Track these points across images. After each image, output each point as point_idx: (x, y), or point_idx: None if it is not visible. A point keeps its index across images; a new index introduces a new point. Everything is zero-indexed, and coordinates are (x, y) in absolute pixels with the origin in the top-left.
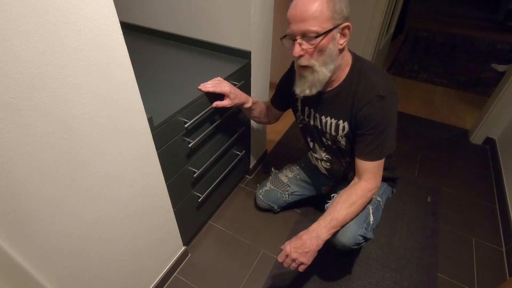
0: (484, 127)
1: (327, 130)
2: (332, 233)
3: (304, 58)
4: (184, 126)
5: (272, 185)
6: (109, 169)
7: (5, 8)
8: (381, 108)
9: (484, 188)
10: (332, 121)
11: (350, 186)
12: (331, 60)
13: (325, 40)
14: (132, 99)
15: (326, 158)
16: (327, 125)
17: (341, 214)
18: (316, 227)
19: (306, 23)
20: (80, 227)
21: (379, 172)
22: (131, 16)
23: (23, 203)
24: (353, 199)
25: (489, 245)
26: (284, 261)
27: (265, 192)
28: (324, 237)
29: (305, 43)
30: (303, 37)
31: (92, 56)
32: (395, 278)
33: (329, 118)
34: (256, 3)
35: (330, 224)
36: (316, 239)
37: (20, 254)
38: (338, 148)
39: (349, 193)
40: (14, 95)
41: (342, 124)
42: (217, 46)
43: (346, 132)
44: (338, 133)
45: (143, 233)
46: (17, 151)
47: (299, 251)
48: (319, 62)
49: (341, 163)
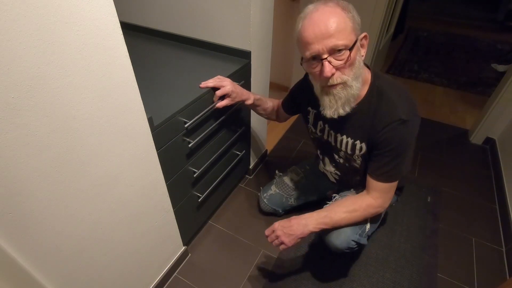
0: (484, 127)
1: (342, 148)
2: (320, 228)
3: (337, 76)
4: (184, 126)
5: (277, 188)
6: (109, 169)
7: (5, 8)
8: (402, 132)
9: (484, 188)
10: (349, 140)
11: (357, 196)
12: (360, 73)
13: (353, 53)
14: (132, 99)
15: (335, 173)
16: (342, 143)
17: (337, 216)
18: (308, 216)
19: (334, 38)
20: (80, 227)
21: (389, 193)
22: (131, 16)
23: (23, 203)
24: (354, 207)
25: (489, 245)
26: (269, 235)
27: (269, 196)
28: (311, 228)
29: (334, 60)
30: (331, 54)
31: (92, 56)
32: (395, 278)
33: (345, 137)
34: (256, 3)
35: (322, 220)
36: (303, 226)
37: (20, 254)
38: (351, 167)
39: (354, 201)
40: (14, 95)
41: (359, 145)
42: (217, 46)
43: (363, 153)
44: (355, 152)
45: (143, 233)
46: (17, 151)
47: (284, 231)
48: (351, 77)
49: (350, 180)
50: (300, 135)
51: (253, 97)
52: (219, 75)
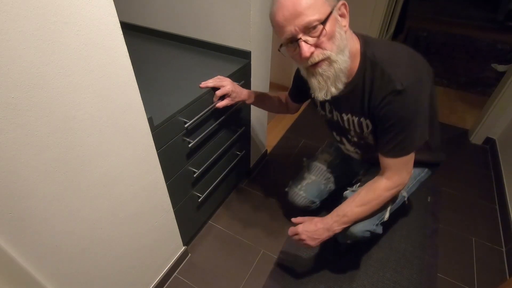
0: (484, 127)
1: (350, 127)
2: (343, 228)
3: (317, 53)
4: (184, 126)
5: (313, 175)
6: (109, 169)
7: (5, 8)
8: (400, 104)
9: (484, 188)
10: (354, 119)
11: (371, 184)
12: (345, 45)
13: (330, 25)
14: (132, 99)
15: (356, 151)
16: (349, 122)
17: (354, 213)
18: (330, 220)
19: (304, 16)
20: (80, 227)
21: (405, 169)
22: (131, 16)
23: (23, 203)
24: (368, 198)
25: (489, 245)
26: (293, 236)
27: (306, 187)
28: (336, 231)
29: (310, 38)
30: (305, 33)
31: (92, 56)
32: (395, 278)
33: (350, 116)
34: (256, 3)
35: (342, 220)
36: (327, 230)
37: (20, 254)
38: (366, 144)
39: (367, 191)
40: (14, 95)
41: (365, 122)
42: (217, 46)
43: (371, 129)
44: (363, 130)
45: (143, 233)
46: (17, 151)
47: (309, 235)
48: (334, 51)
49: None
50: (300, 135)
51: (254, 95)
52: (219, 75)
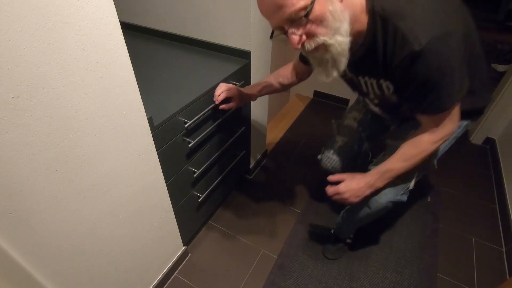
0: (484, 127)
1: (369, 90)
2: (387, 183)
3: (309, 42)
4: (184, 126)
5: (344, 136)
6: (109, 169)
7: (5, 8)
8: (422, 66)
9: (484, 188)
10: (372, 81)
11: (413, 138)
12: (340, 21)
13: (319, 6)
14: (132, 99)
15: (381, 111)
16: (367, 85)
17: (397, 168)
18: (372, 177)
19: (286, 8)
20: (80, 227)
21: (450, 119)
22: (131, 16)
23: (24, 203)
24: (412, 153)
25: (489, 245)
26: (333, 195)
27: (339, 150)
28: (378, 187)
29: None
30: (291, 24)
31: (92, 56)
32: (395, 278)
33: (367, 79)
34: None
35: (385, 176)
36: (370, 187)
37: (20, 254)
38: (390, 104)
39: (410, 146)
40: (14, 95)
41: (385, 83)
42: (217, 46)
43: (393, 90)
44: (384, 92)
45: (143, 233)
46: (17, 151)
47: (352, 194)
48: (328, 35)
49: (400, 113)
50: (300, 135)
51: (257, 93)
52: (219, 75)
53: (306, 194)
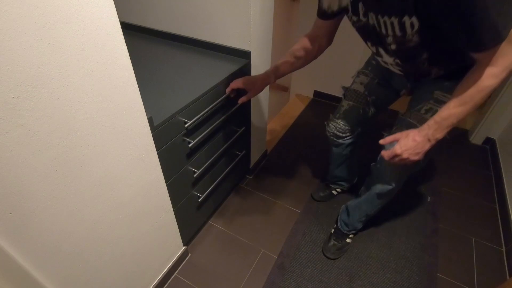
0: (484, 127)
1: (388, 33)
2: (447, 132)
3: None
4: (184, 126)
5: (350, 101)
6: (109, 169)
7: (5, 8)
8: None
9: (484, 188)
10: (394, 21)
11: (469, 78)
12: None
13: None
14: (132, 99)
15: (396, 62)
16: (387, 26)
17: (456, 112)
18: (429, 130)
19: None
20: (80, 227)
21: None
22: (132, 16)
23: (23, 203)
24: (470, 94)
25: (489, 245)
26: (391, 158)
27: (344, 114)
28: (438, 138)
29: None
30: None
31: (92, 56)
32: (395, 278)
33: (387, 18)
34: (256, 3)
35: (444, 125)
36: (429, 141)
37: (20, 254)
38: (407, 51)
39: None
40: (14, 95)
41: (408, 21)
42: (217, 46)
43: (417, 28)
44: (407, 32)
45: (143, 233)
46: (17, 151)
47: (411, 152)
48: None
49: (417, 64)
50: (300, 135)
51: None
52: (220, 75)
53: (306, 194)
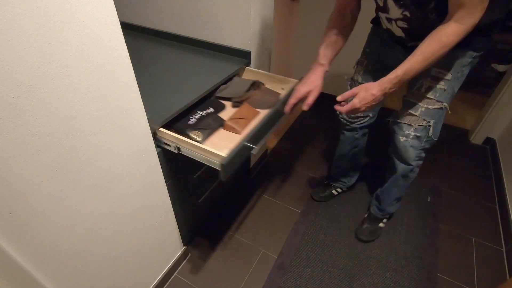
0: (484, 127)
1: None
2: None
3: None
4: None
5: None
6: (109, 169)
7: (6, 8)
8: None
9: (484, 188)
10: None
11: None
12: None
13: None
14: (132, 99)
15: (403, 15)
16: None
17: (416, 68)
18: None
19: None
20: (80, 227)
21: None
22: (132, 16)
23: (23, 203)
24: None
25: (489, 245)
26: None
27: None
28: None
29: None
30: None
31: (92, 56)
32: (395, 278)
33: None
34: (256, 3)
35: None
36: (384, 94)
37: (20, 254)
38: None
39: (430, 43)
40: (14, 95)
41: None
42: (217, 46)
43: None
44: None
45: (143, 233)
46: (17, 151)
47: (368, 105)
48: None
49: (424, 17)
50: (300, 135)
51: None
52: (220, 75)
53: (306, 194)
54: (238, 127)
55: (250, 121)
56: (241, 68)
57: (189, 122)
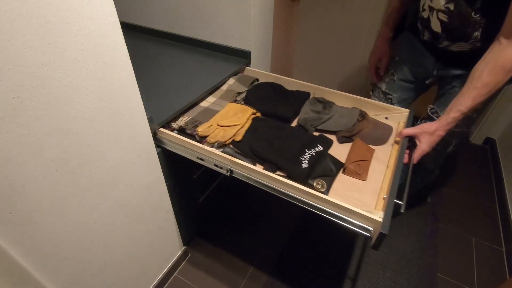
0: (484, 127)
1: None
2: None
3: None
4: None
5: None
6: (109, 169)
7: (5, 8)
8: None
9: (484, 188)
10: None
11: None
12: None
13: None
14: (132, 99)
15: (446, 8)
16: None
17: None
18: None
19: None
20: (80, 227)
21: None
22: (132, 16)
23: (23, 203)
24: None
25: (489, 245)
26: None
27: None
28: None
29: None
30: None
31: (92, 56)
32: (395, 278)
33: None
34: (256, 3)
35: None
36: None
37: (20, 254)
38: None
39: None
40: (14, 95)
41: None
42: (217, 46)
43: None
44: None
45: (143, 233)
46: (17, 151)
47: (433, 146)
48: None
49: (467, 15)
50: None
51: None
52: (220, 75)
53: None
54: (362, 173)
55: (370, 163)
56: (241, 68)
57: (302, 165)
